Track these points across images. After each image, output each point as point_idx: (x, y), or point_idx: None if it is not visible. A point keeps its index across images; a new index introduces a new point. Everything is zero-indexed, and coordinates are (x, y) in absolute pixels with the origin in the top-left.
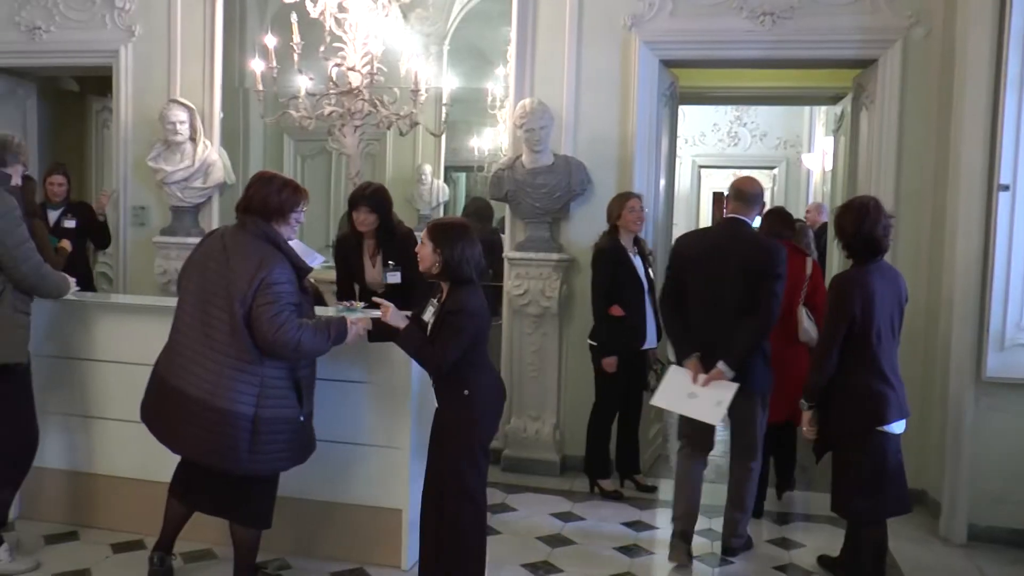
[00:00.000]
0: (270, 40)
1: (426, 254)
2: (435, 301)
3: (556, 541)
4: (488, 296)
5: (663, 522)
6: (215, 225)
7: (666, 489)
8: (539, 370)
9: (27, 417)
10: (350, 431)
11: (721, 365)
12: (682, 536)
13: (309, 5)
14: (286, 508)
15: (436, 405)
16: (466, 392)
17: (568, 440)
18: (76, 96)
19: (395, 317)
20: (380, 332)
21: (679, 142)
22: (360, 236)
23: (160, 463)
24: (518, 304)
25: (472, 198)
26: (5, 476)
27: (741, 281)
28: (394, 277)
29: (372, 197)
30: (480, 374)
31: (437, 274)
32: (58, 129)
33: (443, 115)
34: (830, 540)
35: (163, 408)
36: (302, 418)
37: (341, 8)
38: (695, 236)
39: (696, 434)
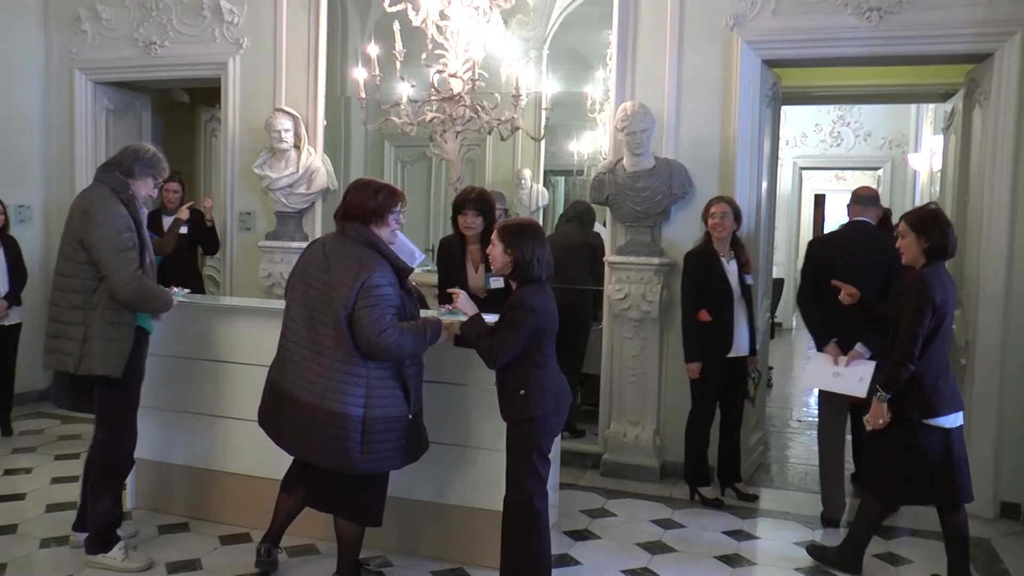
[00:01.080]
0: (373, 49)
1: (497, 254)
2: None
3: (656, 548)
4: (588, 300)
5: (765, 532)
6: (318, 229)
7: (768, 498)
8: (639, 375)
9: (125, 429)
10: (454, 433)
11: (859, 346)
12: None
13: (411, 13)
14: (390, 506)
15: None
16: (522, 392)
17: (668, 446)
18: (186, 107)
19: (465, 303)
20: (464, 338)
21: (779, 143)
22: (464, 241)
23: (271, 461)
24: (619, 308)
25: (573, 201)
26: (104, 485)
27: (874, 275)
28: (497, 282)
29: (478, 200)
30: (540, 374)
31: (508, 274)
32: (170, 138)
33: (543, 119)
34: (940, 557)
35: (278, 412)
36: (410, 416)
37: (443, 16)
38: (828, 239)
39: None
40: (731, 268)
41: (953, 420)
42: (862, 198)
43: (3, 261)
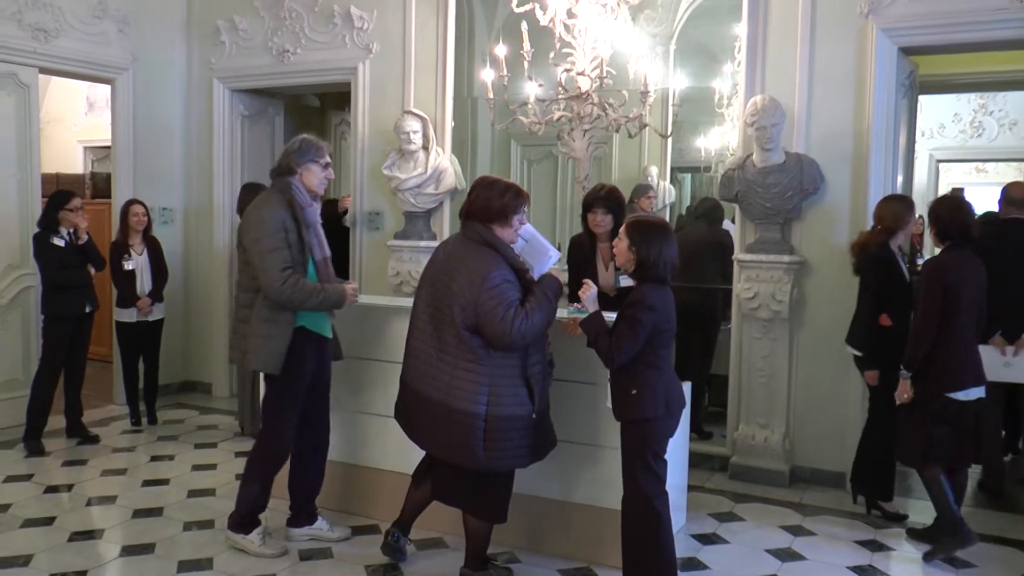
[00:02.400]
0: (500, 50)
1: (622, 249)
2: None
3: (786, 555)
4: (717, 299)
5: (900, 543)
6: (446, 229)
7: (905, 509)
8: (768, 376)
9: (281, 423)
10: (582, 431)
11: None
12: None
13: (539, 13)
14: (518, 503)
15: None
16: (634, 392)
17: (798, 450)
18: (317, 111)
19: (590, 300)
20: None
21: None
22: (594, 239)
23: (403, 455)
24: (748, 308)
25: (701, 199)
26: (255, 473)
27: None
28: (627, 281)
29: (608, 198)
30: (652, 376)
31: (631, 271)
32: None
33: (671, 116)
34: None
35: (408, 407)
36: (534, 415)
37: (570, 14)
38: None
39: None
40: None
41: (968, 394)
42: (1014, 199)
43: (147, 260)
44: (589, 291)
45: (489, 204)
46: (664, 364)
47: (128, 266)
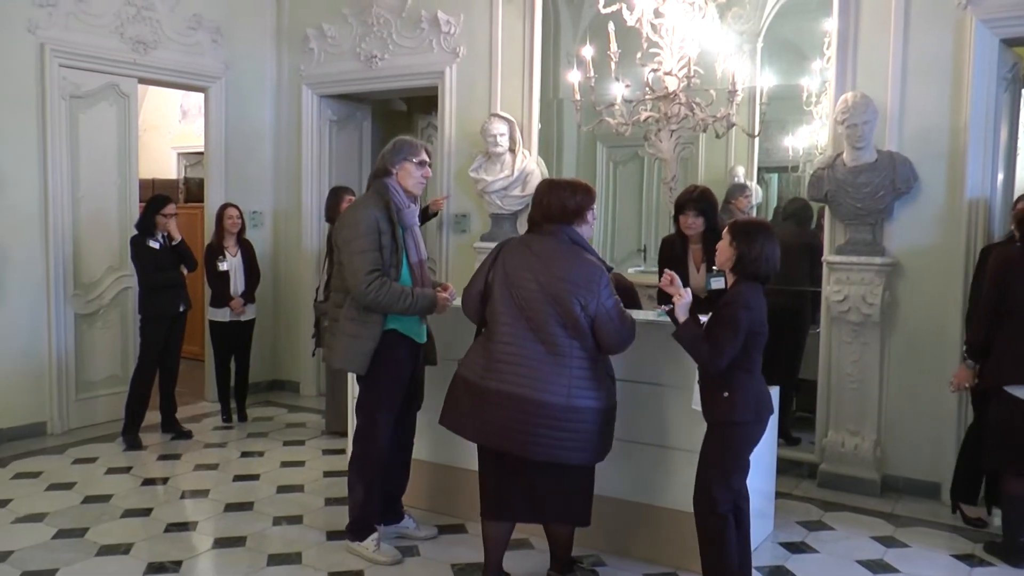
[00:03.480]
0: (587, 51)
1: (723, 247)
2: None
3: (877, 567)
4: (805, 302)
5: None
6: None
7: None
8: (858, 381)
9: (376, 427)
10: (671, 435)
11: None
12: None
13: (626, 13)
14: (604, 507)
15: (695, 406)
16: (726, 395)
17: (890, 458)
18: (404, 115)
19: (682, 309)
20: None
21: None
22: (685, 240)
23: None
24: (837, 311)
25: (790, 199)
26: (356, 475)
27: None
28: (718, 283)
29: (700, 200)
30: (745, 378)
31: (731, 268)
32: None
33: (758, 115)
34: None
35: (507, 416)
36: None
37: (657, 13)
38: None
39: None
40: None
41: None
42: None
43: (241, 262)
44: (683, 299)
45: (565, 205)
46: (756, 368)
47: (222, 267)
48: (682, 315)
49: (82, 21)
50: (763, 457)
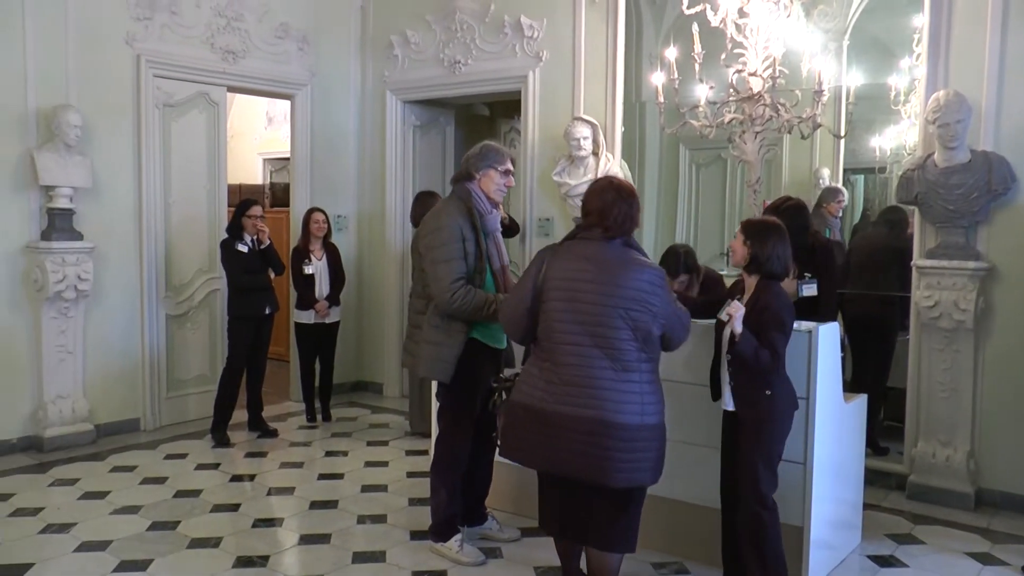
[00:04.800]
0: (671, 52)
1: (737, 247)
2: (732, 302)
3: None
4: (894, 308)
5: None
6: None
7: None
8: (950, 391)
9: (457, 432)
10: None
11: None
12: None
13: (709, 14)
14: (691, 513)
15: (728, 407)
16: (768, 392)
17: (985, 471)
18: (487, 120)
19: (740, 322)
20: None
21: None
22: None
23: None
24: (927, 317)
25: (886, 208)
26: (438, 479)
27: None
28: (810, 289)
29: (782, 216)
30: (783, 374)
31: (745, 267)
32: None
33: (844, 114)
34: None
35: (581, 442)
36: None
37: (742, 13)
38: None
39: None
40: None
41: None
42: None
43: (326, 265)
44: (739, 311)
45: (632, 217)
46: (784, 363)
47: (308, 270)
48: (739, 327)
49: (175, 33)
50: (850, 467)
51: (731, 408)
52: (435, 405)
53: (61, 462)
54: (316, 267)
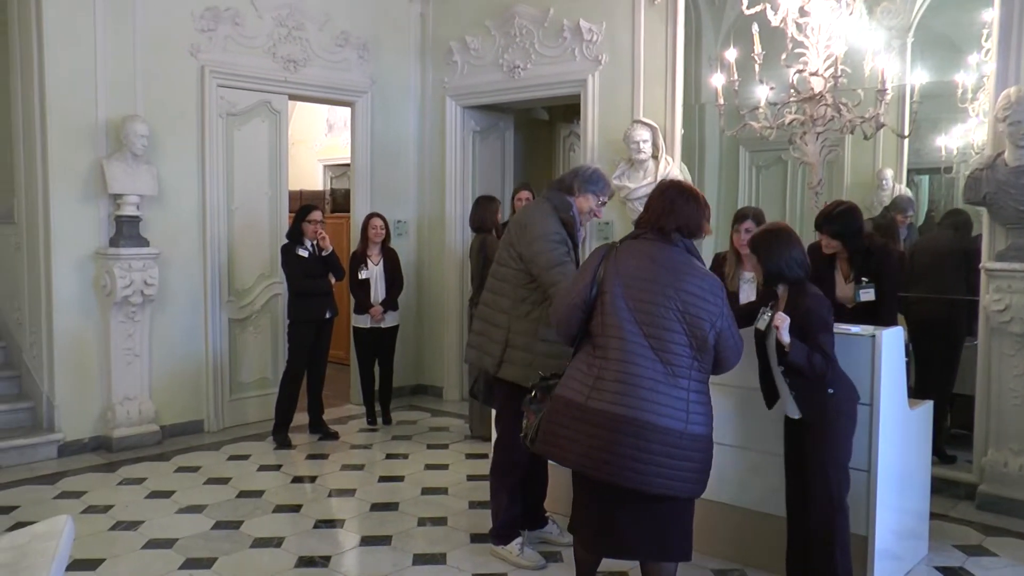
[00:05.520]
0: (731, 54)
1: (753, 264)
2: (766, 310)
3: None
4: (961, 312)
5: None
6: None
7: None
8: (1023, 397)
9: (516, 432)
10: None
11: None
12: None
13: (770, 13)
14: (751, 520)
15: (794, 415)
16: (831, 391)
17: None
18: (546, 124)
19: (787, 332)
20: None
21: None
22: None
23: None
24: (997, 321)
25: (954, 208)
26: (499, 482)
27: None
28: (868, 294)
29: (834, 222)
30: (840, 370)
31: (763, 282)
32: (529, 154)
33: (909, 113)
34: None
35: (615, 443)
36: None
37: (802, 12)
38: None
39: None
40: None
41: None
42: None
43: (382, 270)
44: (784, 322)
45: (700, 221)
46: (836, 359)
47: (363, 275)
48: (787, 337)
49: (238, 43)
50: (916, 475)
51: (797, 416)
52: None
53: (129, 462)
54: (371, 272)
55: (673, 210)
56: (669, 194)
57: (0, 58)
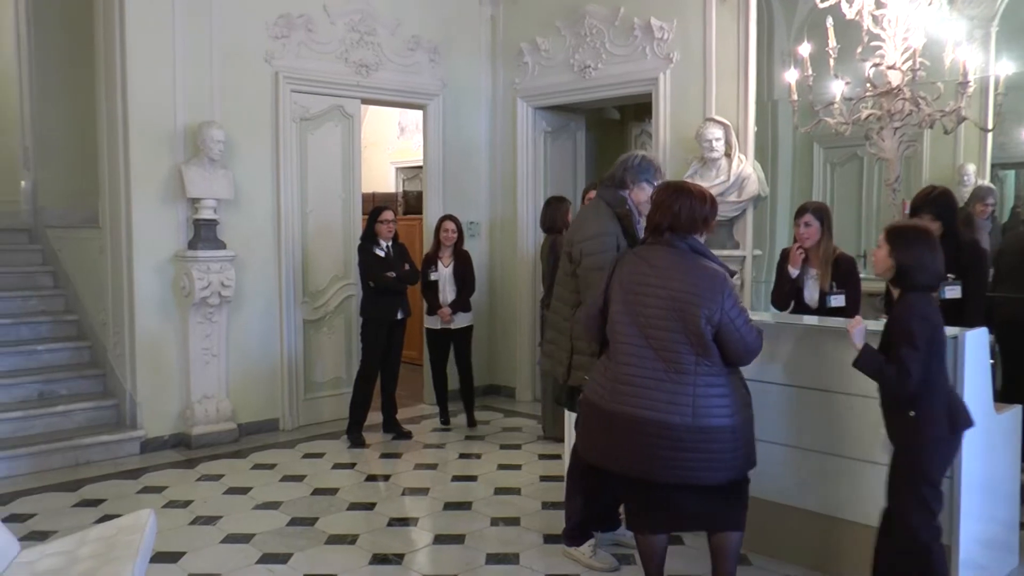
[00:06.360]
0: (804, 49)
1: (881, 256)
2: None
3: None
4: None
5: None
6: (749, 237)
7: None
8: None
9: None
10: (822, 440)
11: None
12: None
13: (844, 6)
14: (754, 506)
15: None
16: (912, 414)
17: None
18: (617, 123)
19: (858, 335)
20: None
21: None
22: None
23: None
24: None
25: None
26: (574, 485)
27: None
28: (953, 291)
29: (937, 203)
30: (930, 394)
31: (890, 279)
32: (602, 155)
33: (992, 106)
34: None
35: (630, 440)
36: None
37: (879, 4)
38: None
39: None
40: None
41: None
42: None
43: (452, 272)
44: (859, 326)
45: (695, 215)
46: (941, 379)
47: (432, 277)
48: (859, 341)
49: (311, 49)
50: (1004, 483)
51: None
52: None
53: (207, 459)
54: (441, 274)
55: (663, 211)
56: (674, 196)
57: (86, 73)
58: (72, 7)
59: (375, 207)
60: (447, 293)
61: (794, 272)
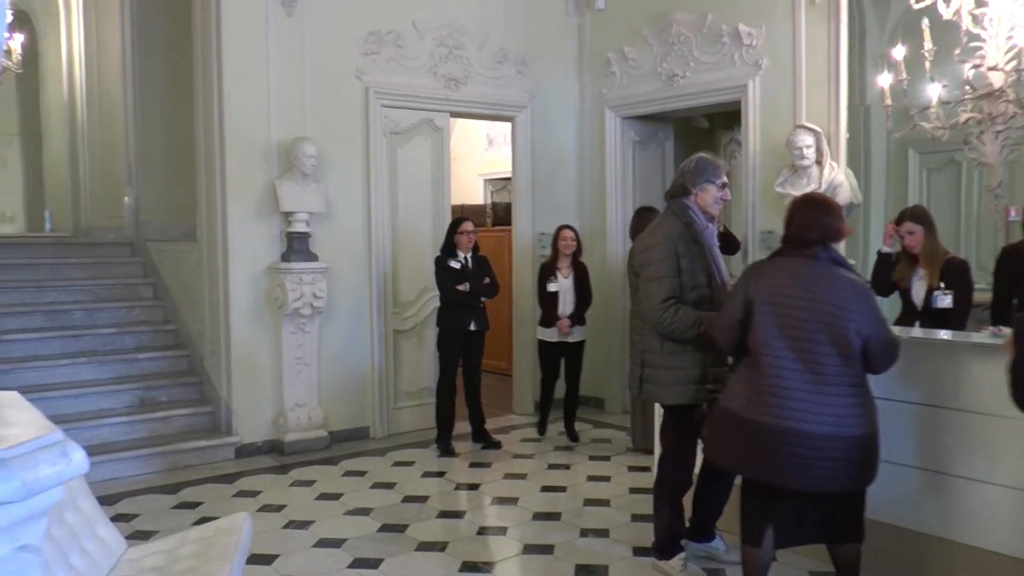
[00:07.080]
0: (898, 51)
1: None
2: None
3: None
4: None
5: None
6: (842, 245)
7: None
8: None
9: (676, 451)
10: (974, 467)
11: None
12: None
13: (941, 7)
14: (897, 536)
15: None
16: None
17: None
18: (706, 132)
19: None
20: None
21: None
22: None
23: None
24: None
25: None
26: (660, 499)
27: None
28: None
29: None
30: None
31: None
32: None
33: None
34: None
35: (780, 452)
36: None
37: (979, 2)
38: None
39: None
40: None
41: None
42: None
43: (572, 284)
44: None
45: (827, 225)
46: None
47: (551, 288)
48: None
49: (401, 64)
50: None
51: None
52: (658, 422)
53: (299, 465)
54: (560, 285)
55: (811, 223)
56: (805, 208)
57: (184, 93)
58: (172, 31)
59: (455, 218)
60: (566, 305)
61: (886, 249)
